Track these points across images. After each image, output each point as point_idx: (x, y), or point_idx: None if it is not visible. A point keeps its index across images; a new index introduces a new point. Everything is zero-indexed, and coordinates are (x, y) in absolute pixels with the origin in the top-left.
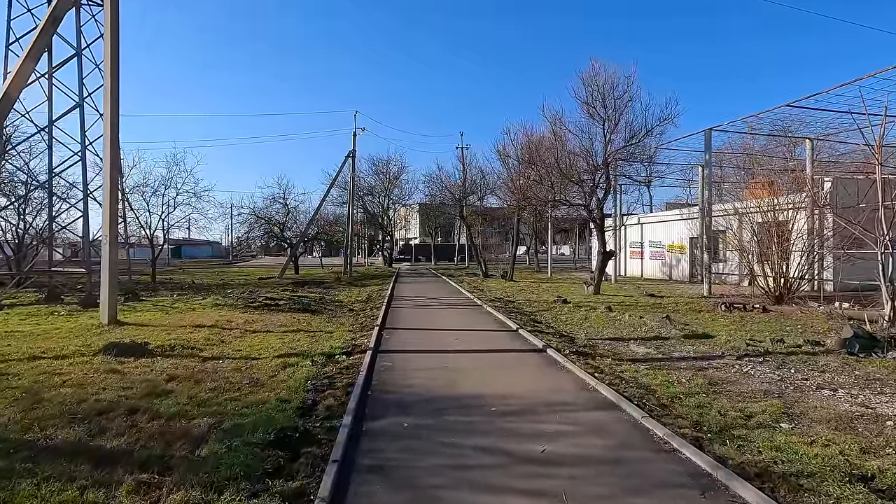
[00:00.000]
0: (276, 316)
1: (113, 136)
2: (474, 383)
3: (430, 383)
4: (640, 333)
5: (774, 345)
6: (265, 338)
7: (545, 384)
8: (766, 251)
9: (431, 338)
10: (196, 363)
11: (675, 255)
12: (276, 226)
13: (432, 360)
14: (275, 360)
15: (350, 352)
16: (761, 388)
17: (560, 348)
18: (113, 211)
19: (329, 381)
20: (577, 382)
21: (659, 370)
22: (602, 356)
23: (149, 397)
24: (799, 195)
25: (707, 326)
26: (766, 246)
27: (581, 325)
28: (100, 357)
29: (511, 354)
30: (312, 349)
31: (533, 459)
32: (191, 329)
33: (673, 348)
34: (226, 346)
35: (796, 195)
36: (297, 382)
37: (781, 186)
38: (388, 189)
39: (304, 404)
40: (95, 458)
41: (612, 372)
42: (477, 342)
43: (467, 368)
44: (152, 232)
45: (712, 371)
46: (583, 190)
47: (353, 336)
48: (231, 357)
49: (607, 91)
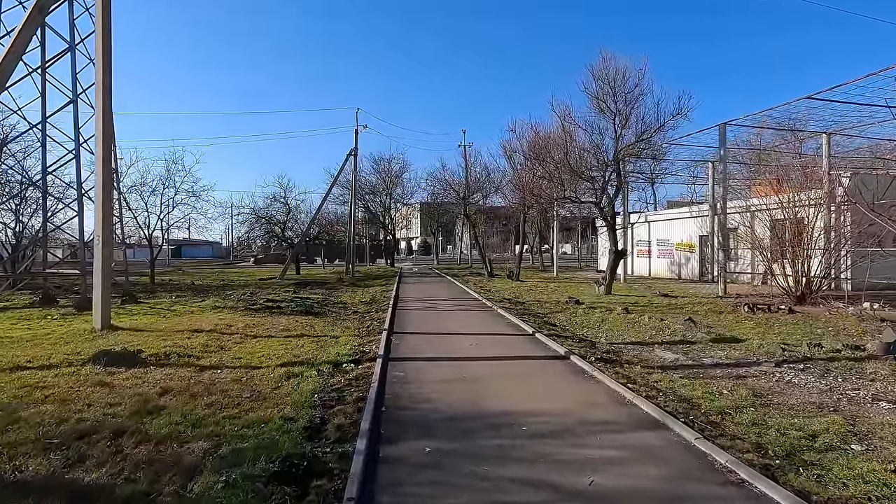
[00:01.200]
0: (277, 319)
1: (106, 131)
2: (498, 396)
3: (449, 397)
4: (664, 337)
5: (812, 350)
6: (267, 343)
7: (576, 397)
8: (786, 249)
9: (444, 343)
10: (192, 373)
11: (685, 254)
12: (277, 225)
13: (448, 369)
14: (277, 370)
15: (358, 360)
16: (812, 399)
17: (584, 354)
18: (106, 210)
19: (338, 395)
20: (610, 395)
21: (695, 379)
22: (629, 363)
23: (138, 415)
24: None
25: (733, 329)
26: (787, 244)
27: (599, 328)
28: (89, 367)
29: (532, 362)
30: (318, 357)
31: (581, 495)
32: (188, 334)
33: (703, 354)
34: (225, 353)
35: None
36: (302, 396)
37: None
38: (390, 188)
39: (311, 423)
40: (69, 496)
41: (646, 382)
42: (493, 348)
43: (487, 378)
44: (151, 232)
45: (752, 380)
46: (594, 187)
47: (361, 341)
48: (230, 366)
49: (618, 85)
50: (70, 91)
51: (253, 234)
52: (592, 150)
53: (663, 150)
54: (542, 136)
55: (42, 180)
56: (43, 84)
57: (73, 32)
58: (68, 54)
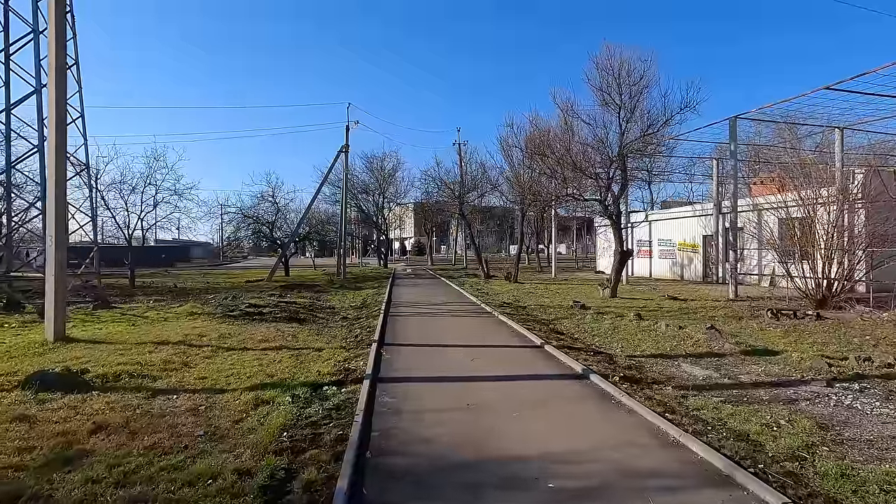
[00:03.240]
0: (257, 328)
1: (59, 116)
2: (512, 434)
3: (452, 436)
4: (687, 349)
5: (861, 364)
6: (239, 358)
7: (608, 433)
8: (805, 249)
9: (441, 358)
10: (141, 401)
11: (687, 254)
12: (265, 225)
13: (448, 395)
14: (245, 395)
15: (342, 381)
16: (890, 433)
17: (604, 373)
18: (59, 208)
19: (312, 433)
20: (649, 430)
21: (741, 405)
22: (657, 383)
23: (49, 468)
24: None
25: (761, 338)
26: (807, 243)
27: (612, 338)
28: (16, 393)
29: (546, 383)
30: (295, 376)
31: None
32: (152, 347)
33: (736, 369)
34: (188, 371)
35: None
36: (268, 435)
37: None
38: (383, 187)
39: (272, 479)
40: None
41: (686, 410)
42: (498, 364)
43: (495, 407)
44: (131, 232)
45: (807, 405)
46: (597, 184)
47: (347, 356)
48: (190, 389)
49: (623, 76)
50: (35, 80)
51: (240, 235)
52: (596, 144)
53: (670, 145)
54: (541, 130)
55: (6, 174)
56: (7, 72)
57: (37, 17)
58: (33, 42)
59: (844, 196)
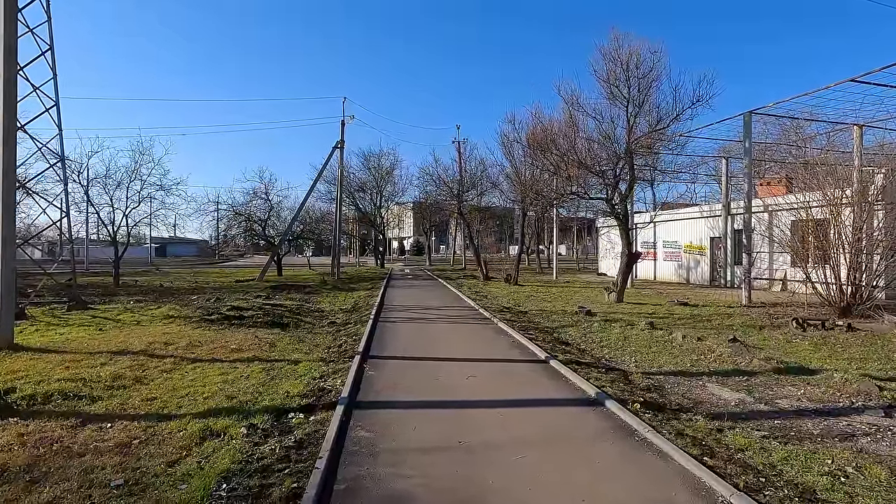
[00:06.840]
0: (234, 334)
1: (7, 103)
2: (517, 491)
3: (438, 494)
4: (710, 365)
5: None
6: (203, 372)
7: (638, 490)
8: (829, 252)
9: (432, 375)
10: (64, 432)
11: (694, 257)
12: (258, 223)
13: (437, 427)
14: (193, 424)
15: (312, 405)
16: None
17: (621, 397)
18: (7, 200)
19: (259, 486)
20: (688, 483)
21: (790, 443)
22: (684, 410)
23: None
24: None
25: (791, 353)
26: (831, 246)
27: (624, 350)
28: None
29: (554, 412)
30: (258, 399)
31: None
32: (107, 357)
33: (772, 392)
34: (137, 390)
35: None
36: (202, 486)
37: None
38: (381, 185)
39: None
40: None
41: (727, 452)
42: (498, 384)
43: (495, 446)
44: (116, 229)
45: (867, 442)
46: (604, 182)
47: (325, 371)
48: (130, 415)
49: (631, 68)
50: None
51: (230, 233)
52: (602, 140)
53: (681, 141)
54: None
55: None
56: None
57: None
58: None
59: (866, 197)
